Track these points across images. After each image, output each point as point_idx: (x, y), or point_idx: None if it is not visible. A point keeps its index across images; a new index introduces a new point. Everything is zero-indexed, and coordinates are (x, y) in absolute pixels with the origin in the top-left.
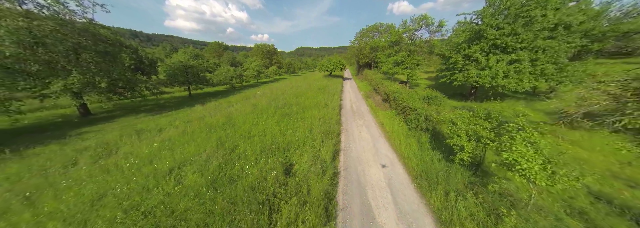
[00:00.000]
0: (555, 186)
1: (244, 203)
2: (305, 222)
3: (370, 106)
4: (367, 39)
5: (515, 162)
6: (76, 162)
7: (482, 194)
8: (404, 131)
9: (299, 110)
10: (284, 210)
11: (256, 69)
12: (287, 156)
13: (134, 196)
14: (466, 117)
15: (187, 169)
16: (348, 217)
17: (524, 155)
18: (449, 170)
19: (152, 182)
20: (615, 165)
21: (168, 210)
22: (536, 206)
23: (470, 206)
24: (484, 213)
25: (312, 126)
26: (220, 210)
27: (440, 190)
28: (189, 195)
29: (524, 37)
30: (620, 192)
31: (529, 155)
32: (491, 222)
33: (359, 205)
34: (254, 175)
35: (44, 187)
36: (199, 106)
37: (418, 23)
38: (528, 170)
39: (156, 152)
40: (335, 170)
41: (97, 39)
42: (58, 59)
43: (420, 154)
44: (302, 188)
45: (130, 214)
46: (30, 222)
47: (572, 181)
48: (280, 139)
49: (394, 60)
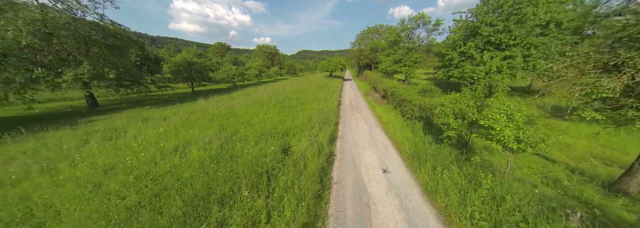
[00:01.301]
0: (527, 150)
1: (244, 174)
2: (301, 188)
3: (368, 102)
4: (367, 40)
5: (490, 129)
6: (87, 141)
7: (466, 167)
8: (400, 122)
9: (298, 103)
10: (281, 179)
11: (258, 68)
12: (286, 140)
13: (143, 166)
14: (454, 98)
15: (191, 148)
16: (341, 188)
17: (498, 121)
18: (439, 150)
19: (158, 157)
20: (597, 148)
21: (174, 177)
22: (514, 176)
23: (454, 176)
24: (466, 181)
25: (311, 116)
26: (223, 177)
27: (429, 166)
28: (194, 166)
29: (516, 33)
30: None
31: (502, 122)
32: (471, 187)
33: (352, 179)
34: (253, 154)
35: (59, 159)
36: (202, 100)
37: (416, 21)
38: (501, 133)
39: (161, 135)
40: (332, 152)
41: (106, 33)
42: (70, 49)
43: (413, 139)
44: (299, 164)
45: (140, 179)
46: (50, 184)
47: (539, 143)
48: (279, 126)
49: (393, 58)
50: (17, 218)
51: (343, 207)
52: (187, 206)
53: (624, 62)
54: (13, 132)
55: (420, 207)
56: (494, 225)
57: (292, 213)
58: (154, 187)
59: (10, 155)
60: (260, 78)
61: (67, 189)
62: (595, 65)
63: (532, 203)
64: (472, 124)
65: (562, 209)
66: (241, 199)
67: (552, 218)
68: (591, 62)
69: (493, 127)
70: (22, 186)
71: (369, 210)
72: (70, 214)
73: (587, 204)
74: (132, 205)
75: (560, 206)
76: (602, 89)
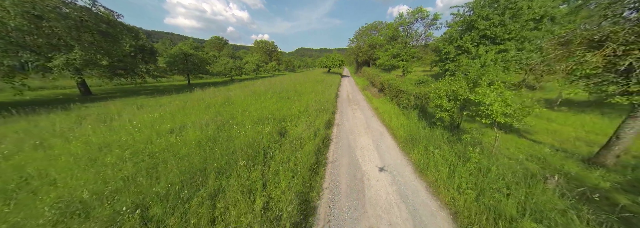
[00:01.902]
0: (513, 124)
1: (242, 150)
2: (297, 163)
3: (366, 96)
4: (366, 37)
5: (481, 104)
6: (81, 123)
7: (457, 146)
8: (396, 111)
9: (296, 95)
10: (278, 156)
11: (255, 62)
12: (283, 125)
13: (138, 145)
14: (448, 81)
15: (188, 130)
16: (336, 166)
17: (488, 96)
18: (432, 132)
19: (154, 137)
20: (582, 133)
21: (171, 153)
22: (501, 152)
23: (445, 154)
24: (456, 158)
25: (308, 105)
26: (219, 153)
27: (421, 146)
28: (190, 145)
29: (511, 28)
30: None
31: (492, 96)
32: (460, 163)
33: (347, 159)
34: (250, 136)
35: (52, 138)
36: (198, 91)
37: (414, 15)
38: (490, 108)
39: (157, 119)
40: (328, 136)
41: (98, 19)
42: (61, 33)
43: (408, 125)
44: (295, 144)
45: (136, 154)
46: (44, 157)
47: (525, 116)
48: (276, 113)
49: (391, 53)
50: (12, 184)
51: (337, 182)
52: (184, 175)
53: (608, 37)
54: (4, 112)
55: (412, 181)
56: (479, 192)
57: (288, 184)
58: (151, 161)
59: (1, 133)
60: (257, 73)
61: (62, 162)
62: (581, 42)
63: (515, 172)
64: (463, 106)
65: (541, 174)
66: (238, 171)
67: (532, 183)
68: (578, 39)
69: (483, 102)
70: (15, 159)
71: (362, 184)
72: (66, 182)
73: (566, 175)
74: (129, 175)
75: (540, 173)
76: (587, 65)
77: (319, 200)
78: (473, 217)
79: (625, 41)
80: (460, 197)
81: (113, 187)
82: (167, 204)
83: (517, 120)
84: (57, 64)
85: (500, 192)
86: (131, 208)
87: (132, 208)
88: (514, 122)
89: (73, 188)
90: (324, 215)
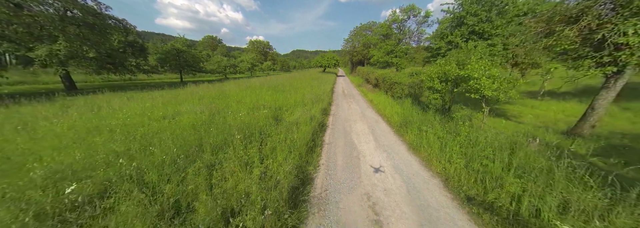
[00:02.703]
0: (500, 97)
1: (239, 128)
2: (294, 141)
3: (361, 91)
4: (360, 37)
5: (470, 79)
6: (67, 111)
7: (448, 124)
8: (390, 101)
9: (291, 89)
10: (275, 137)
11: (250, 61)
12: (279, 113)
13: (129, 129)
14: (440, 63)
15: (181, 117)
16: (332, 147)
17: (477, 70)
18: (425, 116)
19: (146, 122)
20: (563, 117)
21: (167, 133)
22: (489, 128)
23: (437, 132)
24: (447, 134)
25: (304, 97)
26: (215, 132)
27: (415, 128)
28: (185, 127)
29: (498, 23)
30: None
31: (481, 70)
32: (451, 138)
33: (343, 141)
34: (246, 120)
35: (35, 122)
36: (192, 85)
37: (406, 13)
38: (479, 82)
39: (149, 108)
40: (324, 123)
41: (85, 10)
42: (43, 23)
43: (402, 112)
44: (291, 128)
45: (128, 135)
46: (27, 141)
47: (510, 88)
48: (272, 103)
49: (385, 50)
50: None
51: (334, 159)
52: (179, 149)
53: (584, 12)
54: None
55: (406, 157)
56: (468, 160)
57: (285, 158)
58: (144, 140)
59: None
60: (252, 72)
61: (47, 142)
62: (561, 19)
63: (501, 142)
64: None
65: (525, 139)
66: (234, 146)
67: (515, 148)
68: (557, 16)
69: (473, 76)
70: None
71: (358, 160)
72: (53, 158)
73: (547, 144)
74: (121, 151)
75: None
76: (565, 40)
77: (315, 173)
78: (462, 180)
79: (598, 15)
80: (451, 166)
81: (105, 160)
82: (162, 171)
83: (504, 93)
84: (39, 54)
85: (488, 157)
86: (127, 167)
87: (128, 167)
88: (501, 95)
89: (61, 162)
90: (320, 184)
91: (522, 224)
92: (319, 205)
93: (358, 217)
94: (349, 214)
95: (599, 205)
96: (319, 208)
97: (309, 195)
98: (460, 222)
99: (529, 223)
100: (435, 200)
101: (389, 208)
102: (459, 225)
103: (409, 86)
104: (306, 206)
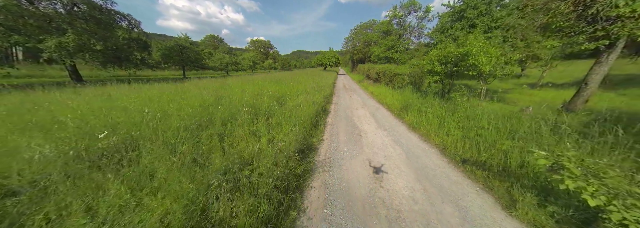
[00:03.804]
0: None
1: (246, 104)
2: (298, 118)
3: (362, 86)
4: (361, 35)
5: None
6: (79, 96)
7: (447, 104)
8: (391, 91)
9: (293, 83)
10: (279, 116)
11: (252, 59)
12: (282, 100)
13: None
14: (439, 47)
15: (189, 100)
16: (335, 127)
17: (474, 45)
18: (424, 100)
19: (156, 103)
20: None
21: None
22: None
23: (436, 111)
24: (445, 112)
25: (306, 87)
26: (222, 109)
27: (415, 109)
28: (195, 106)
29: (497, 15)
30: None
31: (479, 47)
32: (449, 115)
33: (345, 123)
34: (251, 102)
35: (49, 103)
36: (195, 79)
37: (407, 8)
38: (477, 58)
39: (156, 95)
40: (326, 109)
41: (91, 5)
42: (53, 16)
43: (402, 99)
44: (295, 109)
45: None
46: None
47: (505, 63)
48: (275, 93)
49: (386, 45)
50: None
51: (336, 136)
52: (191, 120)
53: None
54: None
55: (406, 134)
56: (465, 132)
57: (290, 129)
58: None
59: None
60: (254, 69)
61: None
62: None
63: (497, 114)
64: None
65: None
66: (243, 119)
67: (510, 117)
68: None
69: (471, 53)
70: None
71: (360, 137)
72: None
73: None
74: (137, 121)
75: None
76: (561, 17)
77: (319, 145)
78: (459, 148)
79: None
80: (449, 138)
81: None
82: (178, 135)
83: (501, 69)
84: (49, 46)
85: (483, 128)
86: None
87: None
88: (498, 70)
89: (86, 123)
90: (324, 153)
91: (510, 174)
92: (323, 166)
93: (360, 175)
94: (352, 173)
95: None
96: (324, 169)
97: (314, 160)
98: (455, 177)
99: (516, 173)
100: (432, 163)
101: (389, 168)
102: (453, 179)
103: (410, 76)
104: (311, 165)
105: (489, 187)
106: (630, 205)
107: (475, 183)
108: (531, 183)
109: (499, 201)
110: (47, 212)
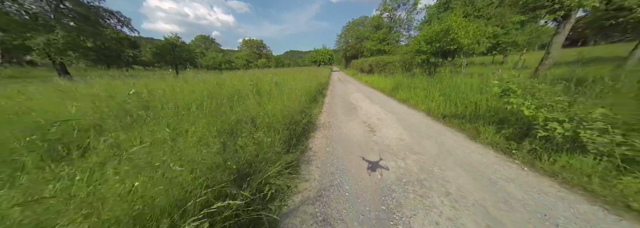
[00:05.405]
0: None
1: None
2: (297, 95)
3: (356, 78)
4: (353, 31)
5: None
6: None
7: (432, 79)
8: (383, 79)
9: (289, 77)
10: (278, 95)
11: (245, 58)
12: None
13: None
14: (425, 29)
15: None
16: (332, 105)
17: (454, 21)
18: (414, 80)
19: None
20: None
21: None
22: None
23: (423, 85)
24: (431, 86)
25: (301, 78)
26: (225, 90)
27: (405, 87)
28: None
29: (479, 5)
30: None
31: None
32: (434, 85)
33: (342, 101)
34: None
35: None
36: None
37: (396, 1)
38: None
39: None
40: (323, 94)
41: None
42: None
43: (394, 82)
44: (293, 92)
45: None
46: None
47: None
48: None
49: (377, 38)
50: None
51: (335, 109)
52: (199, 95)
53: None
54: None
55: (397, 105)
56: (448, 98)
57: (291, 101)
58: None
59: None
60: (248, 68)
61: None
62: None
63: (474, 79)
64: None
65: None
66: (246, 95)
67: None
68: None
69: (451, 28)
70: None
71: (355, 110)
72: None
73: None
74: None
75: None
76: None
77: (319, 115)
78: (441, 109)
79: None
80: (433, 103)
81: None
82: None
83: (478, 43)
84: (37, 43)
85: (463, 92)
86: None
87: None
88: (476, 46)
89: None
90: (324, 120)
91: (478, 118)
92: (324, 127)
93: (357, 130)
94: (350, 129)
95: None
96: (325, 128)
97: (315, 124)
98: (436, 127)
99: (483, 116)
100: (418, 121)
101: (381, 125)
102: (434, 128)
103: (401, 62)
104: (313, 126)
105: (462, 129)
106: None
107: (451, 128)
108: (494, 120)
109: (468, 136)
110: None
